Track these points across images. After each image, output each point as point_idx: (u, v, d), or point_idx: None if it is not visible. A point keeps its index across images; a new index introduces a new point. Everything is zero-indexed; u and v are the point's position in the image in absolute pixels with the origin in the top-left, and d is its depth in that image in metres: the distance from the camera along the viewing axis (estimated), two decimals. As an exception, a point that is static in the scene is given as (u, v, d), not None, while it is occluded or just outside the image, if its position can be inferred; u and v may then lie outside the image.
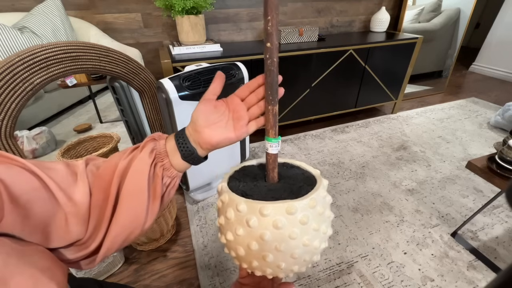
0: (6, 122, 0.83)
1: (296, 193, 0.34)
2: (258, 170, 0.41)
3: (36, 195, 0.29)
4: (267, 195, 0.34)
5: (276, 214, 0.30)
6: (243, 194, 0.35)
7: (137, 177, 0.33)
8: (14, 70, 0.81)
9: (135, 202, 0.33)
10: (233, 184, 0.37)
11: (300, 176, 0.39)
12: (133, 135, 1.39)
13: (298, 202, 0.31)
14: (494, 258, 1.01)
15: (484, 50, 3.07)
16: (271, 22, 0.33)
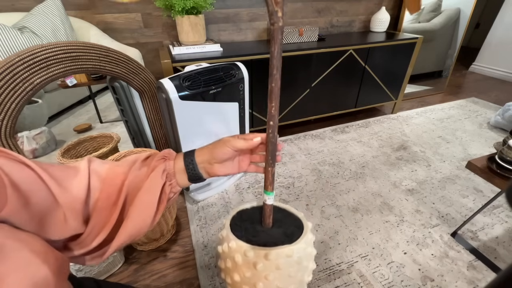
0: (6, 122, 0.83)
1: (290, 237, 0.41)
2: (253, 214, 0.48)
3: (34, 187, 0.30)
4: (268, 240, 0.40)
5: (278, 258, 0.36)
6: (248, 241, 0.40)
7: (149, 195, 0.37)
8: (14, 70, 0.81)
9: (144, 216, 0.37)
10: (236, 231, 0.43)
11: (289, 220, 0.46)
12: (133, 135, 1.39)
13: (294, 246, 0.38)
14: (494, 258, 1.01)
15: (484, 50, 3.07)
16: (274, 107, 0.40)
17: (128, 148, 1.28)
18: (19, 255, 0.26)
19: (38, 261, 0.27)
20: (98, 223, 0.36)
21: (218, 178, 1.36)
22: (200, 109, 1.08)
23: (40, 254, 0.28)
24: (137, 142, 1.40)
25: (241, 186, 1.42)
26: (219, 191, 1.38)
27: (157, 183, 0.37)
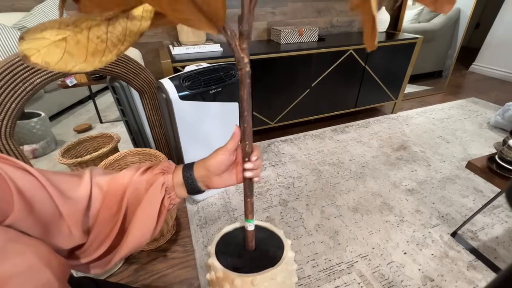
0: (6, 122, 0.83)
1: (272, 258, 0.44)
2: (236, 237, 0.50)
3: (38, 194, 0.31)
4: (252, 265, 0.43)
5: (263, 281, 0.39)
6: (234, 268, 0.42)
7: (149, 209, 0.38)
8: (14, 70, 0.81)
9: (144, 229, 0.38)
10: (222, 258, 0.45)
11: (270, 239, 0.49)
12: (133, 135, 1.39)
13: (277, 268, 0.41)
14: (494, 258, 1.01)
15: (484, 50, 3.07)
16: (248, 145, 0.40)
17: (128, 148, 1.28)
18: (22, 258, 0.26)
19: (42, 265, 0.27)
20: (100, 233, 0.37)
21: (218, 178, 1.36)
22: (200, 109, 1.08)
23: (44, 258, 0.28)
24: (137, 142, 1.40)
25: (241, 186, 1.42)
26: (219, 191, 1.38)
27: (156, 197, 0.38)
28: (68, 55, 0.24)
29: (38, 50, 0.23)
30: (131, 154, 1.14)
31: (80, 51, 0.24)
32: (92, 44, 0.25)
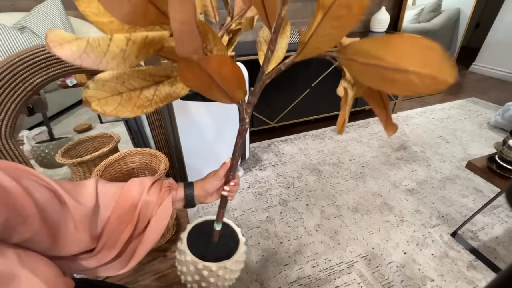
0: (6, 122, 0.83)
1: (230, 251, 0.57)
2: (205, 228, 0.63)
3: (50, 203, 0.34)
4: (214, 254, 0.56)
5: (218, 270, 0.53)
6: (199, 256, 0.55)
7: (160, 223, 0.46)
8: (14, 70, 0.81)
9: (154, 241, 0.46)
10: (191, 245, 0.57)
11: (230, 235, 0.63)
12: (133, 135, 1.39)
13: (230, 261, 0.55)
14: (494, 258, 1.01)
15: (484, 50, 3.07)
16: (232, 175, 0.52)
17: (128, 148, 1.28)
18: (32, 284, 0.29)
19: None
20: (110, 239, 0.41)
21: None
22: (200, 109, 1.08)
23: (50, 283, 0.31)
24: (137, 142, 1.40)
25: (241, 186, 1.42)
26: (219, 191, 1.38)
27: (167, 213, 0.46)
28: (121, 106, 0.30)
29: (98, 99, 0.28)
30: (131, 154, 1.14)
31: (130, 104, 0.31)
32: (140, 101, 0.31)
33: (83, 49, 0.25)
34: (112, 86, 0.29)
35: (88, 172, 1.18)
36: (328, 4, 0.24)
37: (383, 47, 0.25)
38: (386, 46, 0.25)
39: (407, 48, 0.23)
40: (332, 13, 0.24)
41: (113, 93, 0.29)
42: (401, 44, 0.24)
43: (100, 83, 0.28)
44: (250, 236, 1.13)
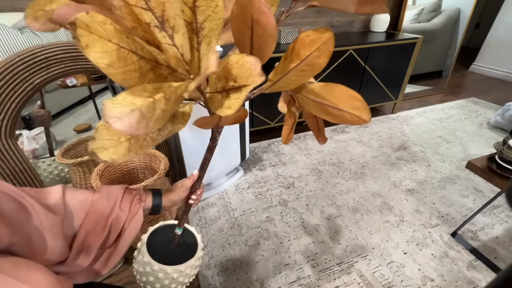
0: (6, 122, 0.83)
1: (188, 255, 0.59)
2: (166, 232, 0.64)
3: (16, 212, 0.34)
4: (173, 258, 0.58)
5: (174, 272, 0.55)
6: (158, 259, 0.57)
7: (135, 232, 0.48)
8: (14, 70, 0.81)
9: (126, 249, 0.48)
10: (150, 247, 0.59)
11: (190, 240, 0.64)
12: (133, 135, 1.39)
13: (184, 265, 0.57)
14: (494, 258, 1.01)
15: (484, 50, 3.07)
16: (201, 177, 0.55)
17: (128, 148, 1.28)
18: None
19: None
20: (82, 248, 0.42)
21: (218, 178, 1.36)
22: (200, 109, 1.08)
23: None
24: (137, 142, 1.40)
25: (241, 186, 1.42)
26: (219, 191, 1.38)
27: (139, 225, 0.49)
28: (128, 151, 0.31)
29: (106, 149, 0.29)
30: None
31: (136, 147, 0.32)
32: (145, 142, 0.33)
33: (138, 119, 0.26)
34: (120, 134, 0.31)
35: (88, 172, 1.18)
36: (301, 58, 0.34)
37: (329, 93, 0.38)
38: (331, 92, 0.38)
39: (344, 96, 0.37)
40: (300, 67, 0.35)
41: (122, 140, 0.30)
42: (340, 93, 0.37)
43: (105, 132, 0.29)
44: (250, 236, 1.13)
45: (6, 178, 0.86)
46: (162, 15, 0.29)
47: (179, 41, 0.31)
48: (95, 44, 0.26)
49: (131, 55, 0.29)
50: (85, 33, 0.25)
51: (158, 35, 0.30)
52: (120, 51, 0.28)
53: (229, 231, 1.16)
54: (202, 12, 0.32)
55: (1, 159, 0.84)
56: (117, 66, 0.27)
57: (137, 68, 0.29)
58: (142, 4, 0.28)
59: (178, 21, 0.30)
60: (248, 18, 0.32)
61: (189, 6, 0.32)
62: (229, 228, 1.17)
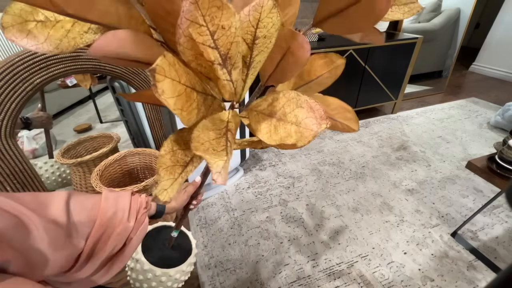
0: (6, 122, 0.83)
1: (183, 257, 0.61)
2: (162, 233, 0.65)
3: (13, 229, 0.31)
4: (165, 260, 0.60)
5: (162, 275, 0.57)
6: (151, 260, 0.58)
7: (140, 239, 0.48)
8: (14, 70, 0.81)
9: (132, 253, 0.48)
10: (145, 248, 0.61)
11: (185, 243, 0.65)
12: (133, 135, 1.39)
13: (174, 269, 0.59)
14: (494, 258, 1.01)
15: (484, 50, 3.07)
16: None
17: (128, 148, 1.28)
18: None
19: None
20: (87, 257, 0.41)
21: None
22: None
23: None
24: (137, 142, 1.40)
25: (241, 186, 1.42)
26: (219, 191, 1.38)
27: (144, 232, 0.49)
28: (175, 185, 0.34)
29: (165, 189, 0.32)
30: (131, 154, 1.14)
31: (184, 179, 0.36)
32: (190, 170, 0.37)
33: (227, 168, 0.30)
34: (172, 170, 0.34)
35: (88, 172, 1.18)
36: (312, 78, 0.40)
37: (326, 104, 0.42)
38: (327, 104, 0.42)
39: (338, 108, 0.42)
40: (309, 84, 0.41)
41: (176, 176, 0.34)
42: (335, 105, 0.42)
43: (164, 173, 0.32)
44: (250, 236, 1.13)
45: (6, 178, 0.86)
46: (227, 53, 0.30)
47: (235, 77, 0.32)
48: (169, 88, 0.26)
49: (193, 93, 0.29)
50: (162, 78, 0.25)
51: (219, 72, 0.31)
52: (187, 91, 0.28)
53: (229, 231, 1.16)
54: (258, 48, 0.33)
55: (1, 159, 0.84)
56: (185, 108, 0.28)
57: (196, 104, 0.30)
58: (210, 43, 0.28)
59: (239, 59, 0.31)
60: (283, 47, 0.33)
61: (248, 43, 0.33)
62: (229, 228, 1.17)
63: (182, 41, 0.27)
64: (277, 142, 0.32)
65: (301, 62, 0.33)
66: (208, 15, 0.26)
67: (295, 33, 0.31)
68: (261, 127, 0.34)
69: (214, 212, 1.25)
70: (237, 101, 0.36)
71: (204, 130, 0.30)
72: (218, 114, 0.33)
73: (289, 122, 0.32)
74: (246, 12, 0.30)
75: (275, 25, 0.31)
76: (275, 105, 0.34)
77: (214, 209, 1.27)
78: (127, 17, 0.28)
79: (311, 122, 0.31)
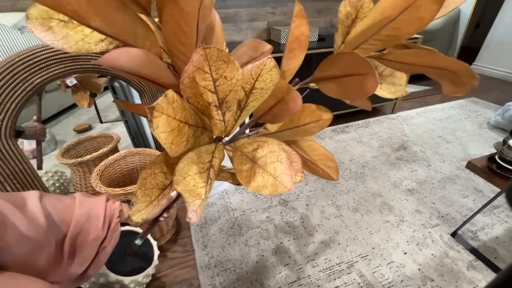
0: (6, 122, 0.83)
1: (142, 267, 0.60)
2: (125, 239, 0.62)
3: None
4: (127, 268, 0.59)
5: (116, 283, 0.56)
6: (115, 269, 0.58)
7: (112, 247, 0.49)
8: (14, 70, 0.81)
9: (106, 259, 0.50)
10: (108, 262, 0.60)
11: (148, 252, 0.64)
12: (133, 135, 1.39)
13: (132, 278, 0.58)
14: (494, 258, 1.01)
15: (484, 50, 3.07)
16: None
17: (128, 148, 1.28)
18: None
19: None
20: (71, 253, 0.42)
21: (218, 178, 1.37)
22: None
23: None
24: (137, 142, 1.40)
25: (241, 186, 1.42)
26: (219, 191, 1.38)
27: (117, 240, 0.50)
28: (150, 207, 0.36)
29: (139, 211, 0.34)
30: (131, 154, 1.14)
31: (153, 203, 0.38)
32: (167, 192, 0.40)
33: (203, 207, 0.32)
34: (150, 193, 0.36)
35: (88, 172, 1.18)
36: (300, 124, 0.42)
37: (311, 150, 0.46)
38: (313, 150, 0.45)
39: (322, 156, 0.45)
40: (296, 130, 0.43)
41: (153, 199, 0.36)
42: (320, 152, 0.45)
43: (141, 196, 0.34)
44: (250, 236, 1.13)
45: (6, 178, 0.86)
46: (224, 98, 0.32)
47: (228, 118, 0.35)
48: (164, 124, 0.27)
49: (185, 127, 0.31)
50: (159, 115, 0.26)
51: (214, 113, 0.33)
52: (180, 126, 0.30)
53: (229, 231, 1.16)
54: (254, 95, 0.36)
55: (1, 159, 0.84)
56: (175, 142, 0.29)
57: (186, 137, 0.31)
58: (211, 87, 0.30)
59: (235, 103, 0.34)
60: (278, 96, 0.36)
61: (246, 91, 0.35)
62: (229, 228, 1.17)
63: (186, 82, 0.29)
64: (253, 189, 0.34)
65: (292, 111, 0.36)
66: (214, 66, 0.28)
67: (290, 88, 0.34)
68: (242, 169, 0.36)
69: (214, 212, 1.25)
70: (226, 134, 0.38)
71: (189, 163, 0.32)
72: (205, 147, 0.35)
73: (268, 172, 0.34)
74: (249, 68, 0.33)
75: (273, 81, 0.34)
76: (259, 152, 0.36)
77: (214, 209, 1.27)
78: (144, 38, 0.30)
79: (286, 179, 0.33)
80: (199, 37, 0.31)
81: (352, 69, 0.31)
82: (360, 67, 0.30)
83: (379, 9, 0.31)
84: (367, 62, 0.29)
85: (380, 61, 0.37)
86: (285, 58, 0.42)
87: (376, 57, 0.38)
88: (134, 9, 0.29)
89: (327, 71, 0.36)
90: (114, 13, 0.27)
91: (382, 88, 0.43)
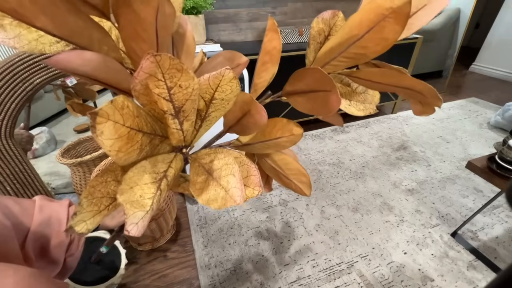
0: (6, 122, 0.83)
1: (106, 277, 0.57)
2: (90, 246, 0.59)
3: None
4: (90, 277, 0.56)
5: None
6: (75, 278, 0.55)
7: (78, 257, 0.49)
8: (14, 70, 0.81)
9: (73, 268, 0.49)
10: None
11: (115, 261, 0.61)
12: (133, 135, 1.38)
13: (101, 286, 0.55)
14: (494, 258, 1.01)
15: (484, 50, 3.07)
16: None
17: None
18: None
19: None
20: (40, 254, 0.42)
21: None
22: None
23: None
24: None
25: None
26: (219, 191, 1.38)
27: (81, 249, 0.49)
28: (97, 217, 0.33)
29: (84, 221, 0.31)
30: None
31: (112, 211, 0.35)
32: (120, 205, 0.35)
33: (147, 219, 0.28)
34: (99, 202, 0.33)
35: (88, 172, 1.18)
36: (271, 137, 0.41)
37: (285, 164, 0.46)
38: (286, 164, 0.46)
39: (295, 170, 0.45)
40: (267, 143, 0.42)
41: (102, 209, 0.32)
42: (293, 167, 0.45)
43: (86, 205, 0.31)
44: (250, 236, 1.13)
45: (6, 178, 0.86)
46: (180, 107, 0.31)
47: (186, 127, 0.33)
48: (110, 131, 0.25)
49: (137, 135, 0.29)
50: (103, 120, 0.25)
51: (170, 121, 0.31)
52: (130, 133, 0.28)
53: (229, 231, 1.16)
54: (214, 106, 0.35)
55: (1, 159, 0.84)
56: (124, 150, 0.28)
57: (139, 145, 0.30)
58: (165, 95, 0.29)
59: (193, 113, 0.33)
60: (244, 108, 0.36)
61: (205, 100, 0.34)
62: (229, 228, 1.17)
63: (138, 88, 0.28)
64: (203, 202, 0.33)
65: (259, 124, 0.36)
66: (168, 74, 0.27)
67: (253, 101, 0.35)
68: (197, 180, 0.34)
69: (214, 212, 1.25)
70: (186, 146, 0.37)
71: (140, 171, 0.30)
72: (162, 156, 0.33)
73: (221, 185, 0.33)
74: (206, 78, 0.32)
75: (233, 92, 0.33)
76: (215, 164, 0.35)
77: (214, 211, 1.27)
78: (100, 43, 0.29)
79: (237, 193, 0.32)
80: (163, 44, 0.30)
81: (317, 85, 0.32)
82: (324, 84, 0.30)
83: (347, 27, 0.31)
84: (329, 78, 0.29)
85: (351, 78, 0.38)
86: (257, 71, 0.43)
87: (347, 74, 0.39)
88: (89, 12, 0.28)
89: (296, 86, 0.36)
90: (64, 15, 0.25)
91: (351, 105, 0.44)
